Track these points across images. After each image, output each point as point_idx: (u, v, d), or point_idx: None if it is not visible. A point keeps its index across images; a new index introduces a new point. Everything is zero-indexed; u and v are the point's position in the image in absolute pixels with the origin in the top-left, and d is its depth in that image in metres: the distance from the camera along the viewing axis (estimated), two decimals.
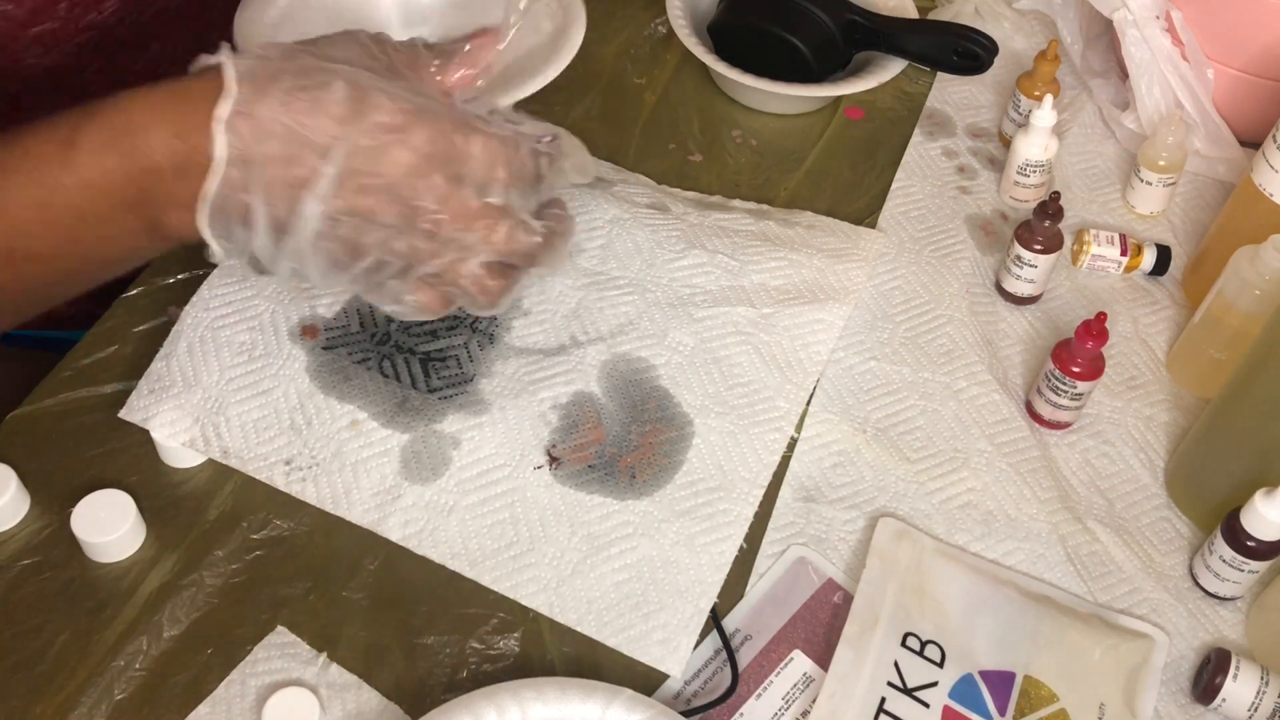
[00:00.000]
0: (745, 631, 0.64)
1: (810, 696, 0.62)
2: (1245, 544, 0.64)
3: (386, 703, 0.60)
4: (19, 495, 0.65)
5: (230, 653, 0.61)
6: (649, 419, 0.71)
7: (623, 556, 0.65)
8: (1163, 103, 0.89)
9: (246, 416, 0.69)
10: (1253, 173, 0.76)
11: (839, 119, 0.94)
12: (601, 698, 0.58)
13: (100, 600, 0.63)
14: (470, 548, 0.66)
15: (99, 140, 0.48)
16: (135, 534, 0.65)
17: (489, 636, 0.63)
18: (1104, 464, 0.73)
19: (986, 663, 0.63)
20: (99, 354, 0.72)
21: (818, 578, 0.66)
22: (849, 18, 0.90)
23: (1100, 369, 0.71)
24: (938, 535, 0.69)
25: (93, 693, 0.59)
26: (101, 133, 0.49)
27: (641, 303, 0.76)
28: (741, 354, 0.74)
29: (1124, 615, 0.66)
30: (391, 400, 0.70)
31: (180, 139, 0.48)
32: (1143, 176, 0.86)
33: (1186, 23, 0.87)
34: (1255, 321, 0.69)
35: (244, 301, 0.73)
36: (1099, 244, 0.82)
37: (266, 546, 0.65)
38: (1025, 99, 0.88)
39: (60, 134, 0.48)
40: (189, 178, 0.49)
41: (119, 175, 0.49)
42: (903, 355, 0.76)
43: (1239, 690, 0.62)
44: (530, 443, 0.69)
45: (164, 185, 0.49)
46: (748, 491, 0.68)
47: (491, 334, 0.74)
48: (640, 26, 0.99)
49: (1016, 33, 1.01)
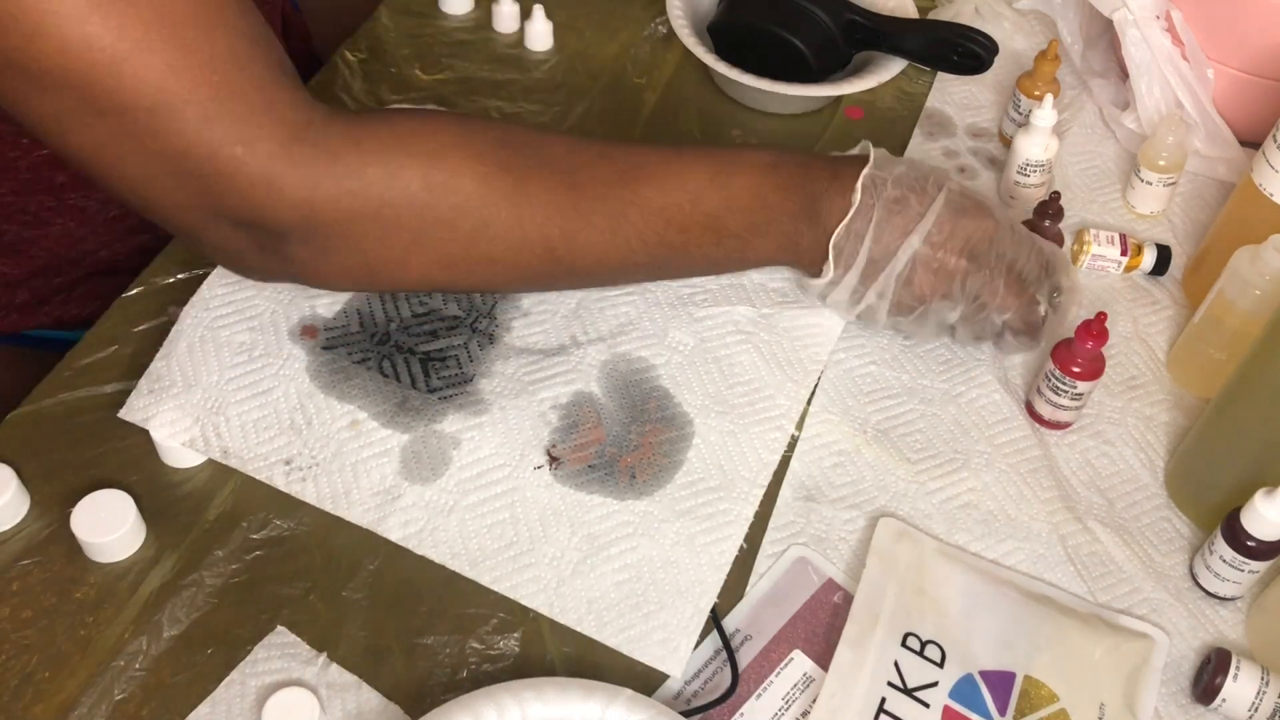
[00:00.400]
0: (745, 631, 0.64)
1: (810, 696, 0.62)
2: (1245, 544, 0.64)
3: (386, 703, 0.60)
4: (19, 495, 0.65)
5: (230, 653, 0.61)
6: (649, 419, 0.71)
7: (623, 556, 0.65)
8: (1163, 103, 0.89)
9: (246, 416, 0.69)
10: (1253, 173, 0.76)
11: (839, 119, 0.94)
12: (601, 698, 0.58)
13: (100, 600, 0.63)
14: (470, 548, 0.66)
15: (794, 163, 0.71)
16: (135, 534, 0.64)
17: (489, 636, 0.63)
18: (1104, 464, 0.73)
19: (987, 663, 0.63)
20: (99, 354, 0.72)
21: (818, 578, 0.66)
22: (849, 18, 0.90)
23: (1100, 369, 0.71)
24: (938, 535, 0.69)
25: (93, 693, 0.59)
26: (795, 159, 0.71)
27: (641, 302, 0.76)
28: (742, 353, 0.74)
29: (1124, 615, 0.66)
30: (391, 400, 0.70)
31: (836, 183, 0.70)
32: (1143, 176, 0.86)
33: (1186, 23, 0.87)
34: (1255, 321, 0.69)
35: (244, 301, 0.73)
36: (1099, 244, 0.82)
37: (266, 546, 0.65)
38: (1025, 99, 0.88)
39: (771, 154, 0.71)
40: (834, 213, 0.70)
41: (800, 188, 0.70)
42: (902, 361, 0.76)
43: (1239, 690, 0.62)
44: (530, 443, 0.69)
45: (819, 207, 0.70)
46: (748, 491, 0.68)
47: (491, 334, 0.74)
48: (640, 26, 0.99)
49: (1016, 33, 1.01)
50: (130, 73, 0.55)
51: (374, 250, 0.64)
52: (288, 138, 0.59)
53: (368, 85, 0.92)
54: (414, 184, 0.63)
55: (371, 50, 0.95)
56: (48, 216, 0.83)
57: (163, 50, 0.55)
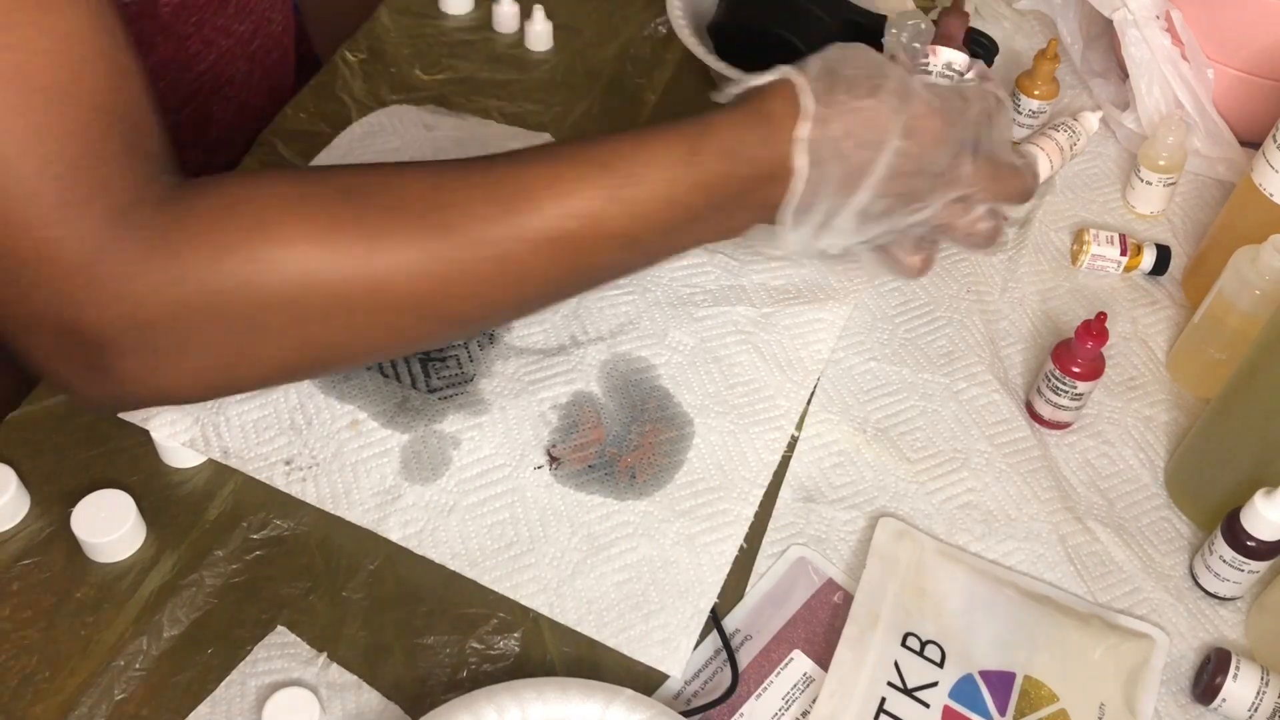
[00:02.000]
0: (745, 631, 0.64)
1: (810, 696, 0.62)
2: (1245, 544, 0.64)
3: (386, 703, 0.60)
4: (19, 495, 0.65)
5: (230, 653, 0.61)
6: (649, 419, 0.71)
7: (623, 556, 0.66)
8: (1163, 103, 0.89)
9: (246, 416, 0.69)
10: (1253, 173, 0.76)
11: None
12: (601, 698, 0.58)
13: (100, 600, 0.63)
14: (470, 548, 0.66)
15: (715, 150, 0.58)
16: (135, 534, 0.65)
17: (489, 636, 0.63)
18: (1104, 464, 0.73)
19: (987, 663, 0.63)
20: None
21: (818, 578, 0.66)
22: (849, 18, 0.90)
23: (1100, 369, 0.71)
24: (938, 535, 0.69)
25: (93, 693, 0.59)
26: (717, 143, 0.59)
27: (641, 302, 0.76)
28: (742, 353, 0.74)
29: (1124, 615, 0.66)
30: (391, 400, 0.70)
31: (768, 150, 0.59)
32: (1143, 176, 0.86)
33: (1186, 23, 0.87)
34: (1255, 321, 0.69)
35: None
36: (1099, 244, 0.82)
37: (266, 546, 0.65)
38: (1025, 98, 0.88)
39: (686, 143, 0.58)
40: (775, 183, 0.59)
41: (725, 179, 0.59)
42: (902, 356, 0.76)
43: (1239, 690, 0.62)
44: (530, 443, 0.69)
45: (754, 189, 0.60)
46: (748, 491, 0.68)
47: (491, 334, 0.74)
48: (640, 26, 0.99)
49: (1016, 33, 1.01)
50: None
51: (218, 346, 0.54)
52: (112, 219, 0.50)
53: (368, 85, 0.92)
54: (245, 264, 0.52)
55: (371, 50, 0.95)
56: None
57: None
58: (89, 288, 0.50)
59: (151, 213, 0.51)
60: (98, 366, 0.53)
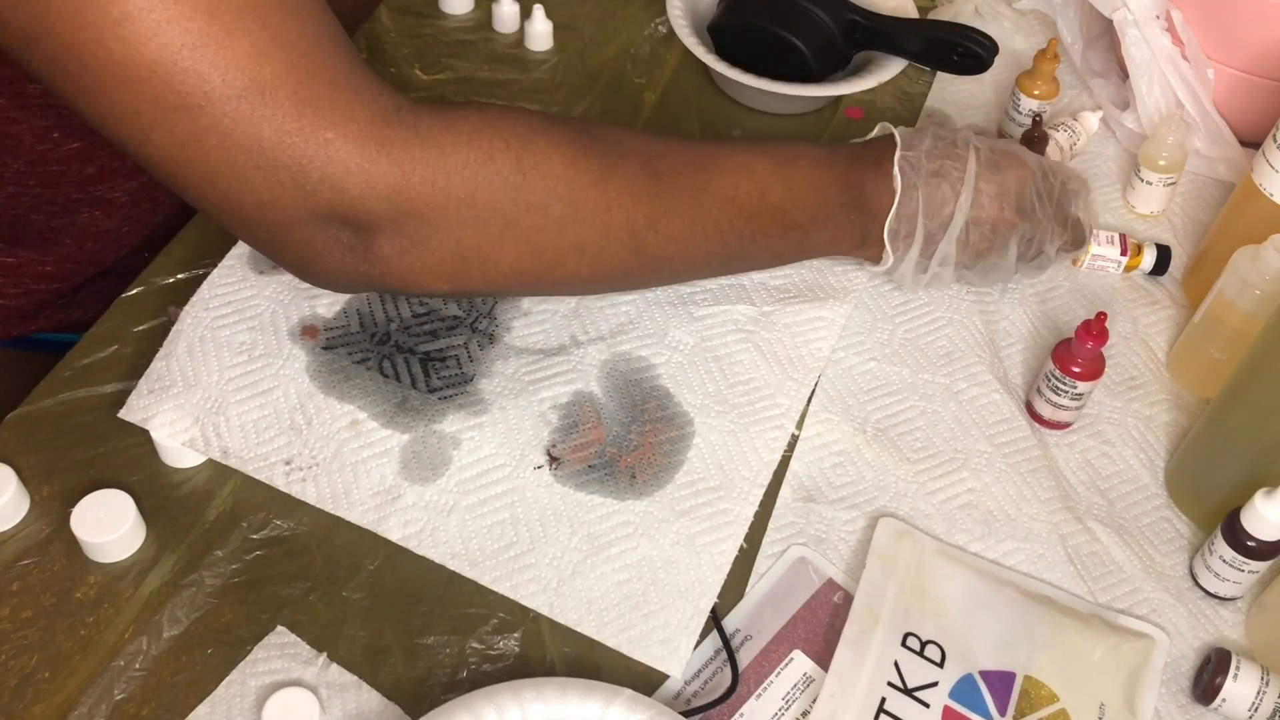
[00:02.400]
0: (745, 631, 0.64)
1: (810, 696, 0.62)
2: (1245, 544, 0.64)
3: (386, 703, 0.60)
4: (19, 495, 0.65)
5: (230, 653, 0.61)
6: (649, 418, 0.71)
7: (623, 557, 0.66)
8: (1163, 102, 0.89)
9: (246, 416, 0.69)
10: (1253, 173, 0.76)
11: (839, 119, 0.94)
12: (601, 698, 0.58)
13: (100, 600, 0.63)
14: (470, 548, 0.66)
15: (846, 155, 0.74)
16: (135, 534, 0.65)
17: (489, 636, 0.63)
18: (1104, 464, 0.73)
19: (987, 663, 0.63)
20: (99, 354, 0.72)
21: (818, 578, 0.66)
22: (849, 18, 0.90)
23: (1100, 369, 0.71)
24: (938, 535, 0.69)
25: (93, 693, 0.59)
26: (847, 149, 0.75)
27: (641, 302, 0.76)
28: (742, 352, 0.74)
29: (1124, 615, 0.66)
30: (391, 400, 0.70)
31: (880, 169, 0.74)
32: (1143, 176, 0.86)
33: (1186, 23, 0.87)
34: (1255, 321, 0.69)
35: (244, 301, 0.73)
36: (1099, 244, 0.82)
37: (266, 546, 0.65)
38: (1025, 98, 0.88)
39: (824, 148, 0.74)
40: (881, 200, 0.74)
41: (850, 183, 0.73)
42: (902, 356, 0.77)
43: (1239, 690, 0.62)
44: (530, 443, 0.69)
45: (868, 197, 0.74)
46: (748, 491, 0.68)
47: (491, 334, 0.74)
48: (640, 26, 0.99)
49: (1016, 32, 1.01)
50: (217, 59, 0.53)
51: (468, 239, 0.62)
52: (379, 121, 0.58)
53: None
54: (508, 166, 0.61)
55: (371, 50, 0.95)
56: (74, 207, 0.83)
57: (250, 34, 0.53)
58: (366, 181, 0.58)
59: (413, 118, 0.59)
60: (358, 248, 0.61)
